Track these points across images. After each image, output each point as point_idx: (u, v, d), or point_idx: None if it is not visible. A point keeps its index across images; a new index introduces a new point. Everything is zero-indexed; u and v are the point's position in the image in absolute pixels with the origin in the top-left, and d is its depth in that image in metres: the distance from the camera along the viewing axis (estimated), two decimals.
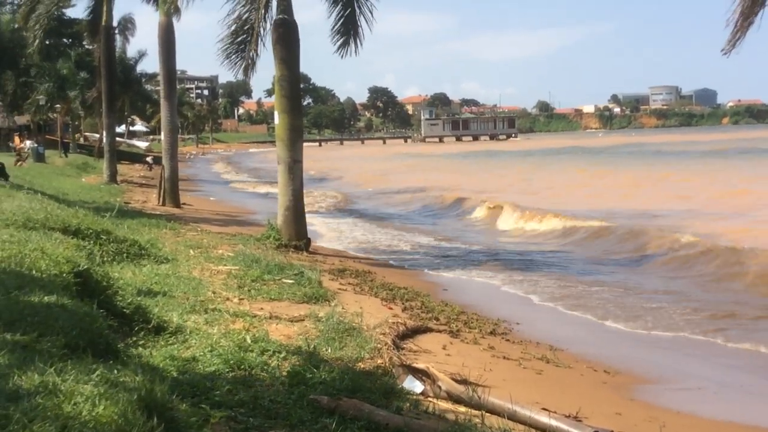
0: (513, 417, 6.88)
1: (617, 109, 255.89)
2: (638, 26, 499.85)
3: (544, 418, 6.84)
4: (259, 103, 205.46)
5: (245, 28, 19.11)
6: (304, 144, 21.98)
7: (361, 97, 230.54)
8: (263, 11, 19.03)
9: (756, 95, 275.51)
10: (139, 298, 8.79)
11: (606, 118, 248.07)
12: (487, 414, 6.79)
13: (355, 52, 20.33)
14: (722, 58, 7.59)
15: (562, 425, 6.79)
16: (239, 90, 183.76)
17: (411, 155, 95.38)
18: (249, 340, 7.81)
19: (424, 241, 23.85)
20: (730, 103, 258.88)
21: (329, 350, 8.12)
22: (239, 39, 19.17)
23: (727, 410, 8.70)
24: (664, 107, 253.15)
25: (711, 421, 8.30)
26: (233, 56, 19.31)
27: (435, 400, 7.21)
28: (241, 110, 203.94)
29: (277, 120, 19.89)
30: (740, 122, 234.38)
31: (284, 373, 6.90)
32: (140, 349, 7.16)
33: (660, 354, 11.21)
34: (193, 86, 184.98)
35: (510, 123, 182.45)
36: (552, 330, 12.33)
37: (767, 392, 9.72)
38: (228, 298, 10.71)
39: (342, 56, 20.34)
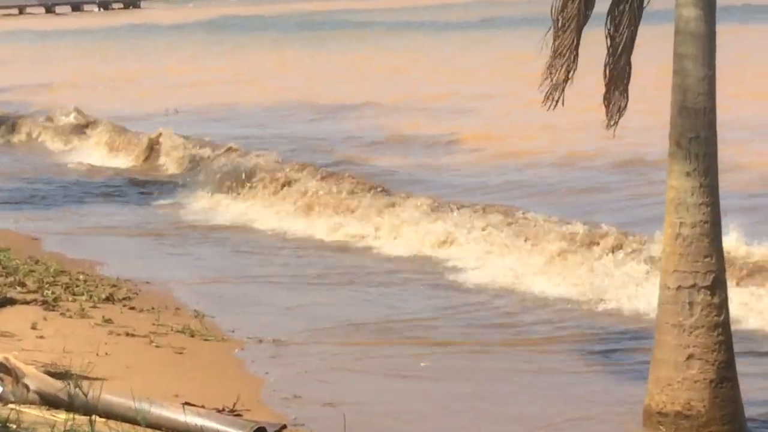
0: (138, 419, 5.07)
1: None
2: None
3: (187, 417, 4.96)
4: None
5: None
6: None
7: None
8: None
9: None
10: None
11: None
12: (101, 419, 5.21)
13: None
14: None
15: (213, 424, 4.94)
16: None
17: None
18: None
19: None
20: None
21: None
22: None
23: None
24: None
25: None
26: None
27: (19, 407, 5.49)
28: None
29: None
30: None
31: None
32: None
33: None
34: None
35: None
36: (194, 289, 10.22)
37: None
38: None
39: None
